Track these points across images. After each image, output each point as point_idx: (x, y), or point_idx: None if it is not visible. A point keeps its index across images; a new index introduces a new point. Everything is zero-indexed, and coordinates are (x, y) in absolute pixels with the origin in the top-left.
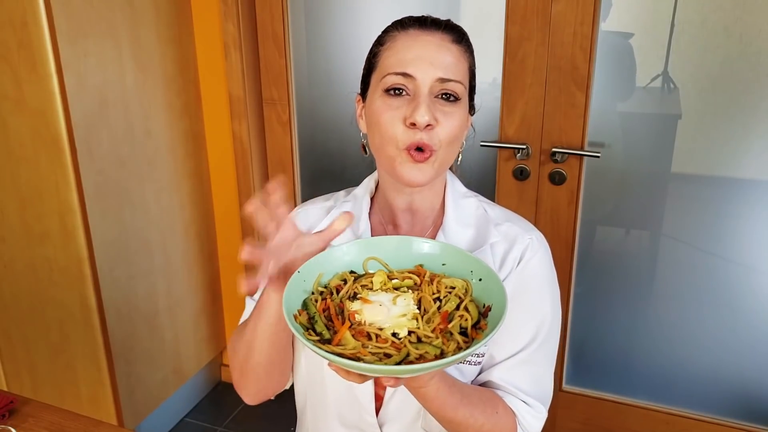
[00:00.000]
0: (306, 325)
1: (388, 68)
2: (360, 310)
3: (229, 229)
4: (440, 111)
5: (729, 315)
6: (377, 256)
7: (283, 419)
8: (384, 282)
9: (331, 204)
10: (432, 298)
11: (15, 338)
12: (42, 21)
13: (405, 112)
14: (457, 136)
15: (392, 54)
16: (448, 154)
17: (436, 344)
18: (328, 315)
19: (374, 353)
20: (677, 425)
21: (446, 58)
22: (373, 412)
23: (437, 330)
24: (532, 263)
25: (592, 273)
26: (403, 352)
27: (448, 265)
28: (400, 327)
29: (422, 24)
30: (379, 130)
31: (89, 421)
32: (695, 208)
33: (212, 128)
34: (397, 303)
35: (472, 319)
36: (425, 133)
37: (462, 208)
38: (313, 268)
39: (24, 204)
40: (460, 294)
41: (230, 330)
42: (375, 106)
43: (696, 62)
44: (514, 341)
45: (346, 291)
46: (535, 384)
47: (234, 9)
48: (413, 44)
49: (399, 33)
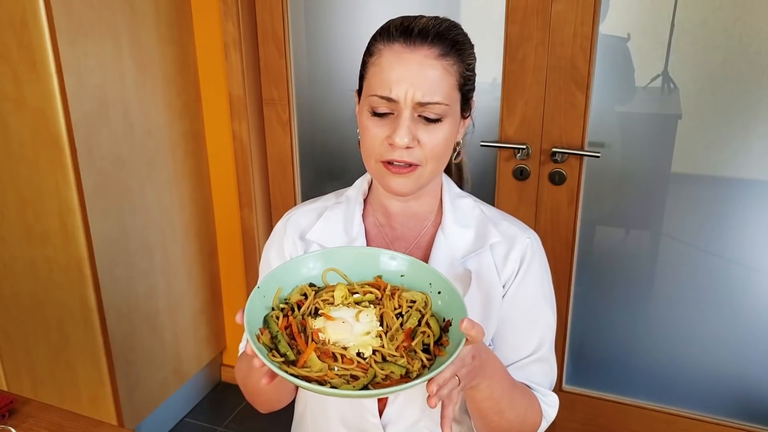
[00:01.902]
0: (269, 345)
1: (373, 88)
2: (323, 328)
3: (229, 229)
4: (422, 130)
5: (729, 315)
6: (336, 267)
7: (283, 419)
8: (345, 296)
9: (322, 206)
10: (394, 313)
11: (15, 338)
12: (42, 21)
13: (387, 131)
14: (441, 151)
15: (377, 72)
16: (436, 166)
17: (401, 363)
18: (290, 333)
19: (341, 375)
20: (677, 425)
21: (429, 77)
22: (376, 414)
23: (401, 348)
24: (534, 267)
25: (592, 273)
26: (369, 373)
27: (406, 277)
28: (365, 346)
29: (407, 37)
30: (364, 144)
31: (89, 421)
32: (695, 208)
33: (212, 128)
34: (360, 319)
35: (434, 335)
36: (405, 152)
37: (459, 208)
38: (272, 282)
39: (24, 204)
40: (420, 308)
41: (230, 330)
42: (362, 121)
43: (696, 62)
44: (526, 344)
45: (307, 307)
46: (547, 376)
47: (234, 9)
48: (395, 63)
49: (384, 48)
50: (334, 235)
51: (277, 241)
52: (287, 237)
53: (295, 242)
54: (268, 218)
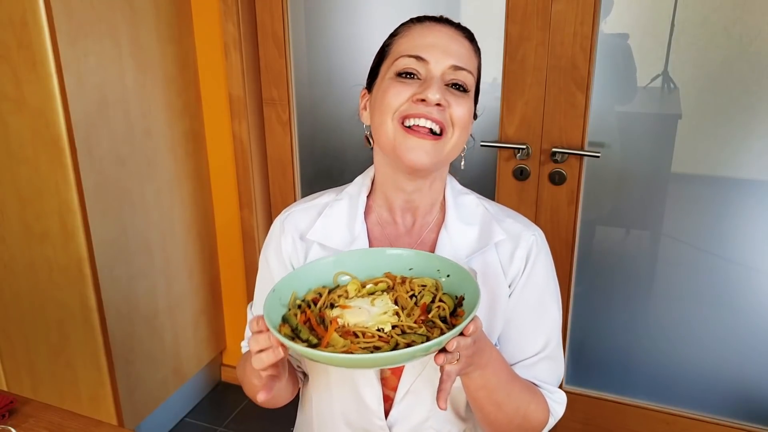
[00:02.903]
0: (290, 335)
1: (401, 52)
2: (341, 315)
3: (229, 229)
4: (451, 95)
5: (729, 315)
6: (345, 270)
7: (283, 419)
8: (358, 289)
9: (322, 203)
10: (407, 295)
11: (15, 338)
12: (42, 21)
13: (414, 90)
14: (466, 122)
15: (406, 41)
16: (459, 139)
17: (421, 332)
18: (309, 325)
19: (364, 348)
20: (677, 425)
21: (460, 48)
22: (382, 415)
23: (419, 321)
24: (539, 265)
25: (592, 273)
26: (392, 342)
27: (415, 269)
28: (384, 323)
29: (436, 19)
30: (382, 105)
31: (89, 421)
32: (695, 208)
33: (212, 128)
34: (376, 304)
35: (449, 308)
36: (436, 110)
37: (462, 205)
38: (287, 287)
39: (24, 204)
40: (432, 290)
41: (230, 330)
42: (383, 87)
43: (696, 62)
44: (533, 343)
45: (323, 302)
46: (554, 373)
47: (234, 9)
48: (428, 33)
49: (414, 24)
50: (335, 233)
51: (274, 240)
52: (285, 236)
53: (294, 242)
54: (268, 218)
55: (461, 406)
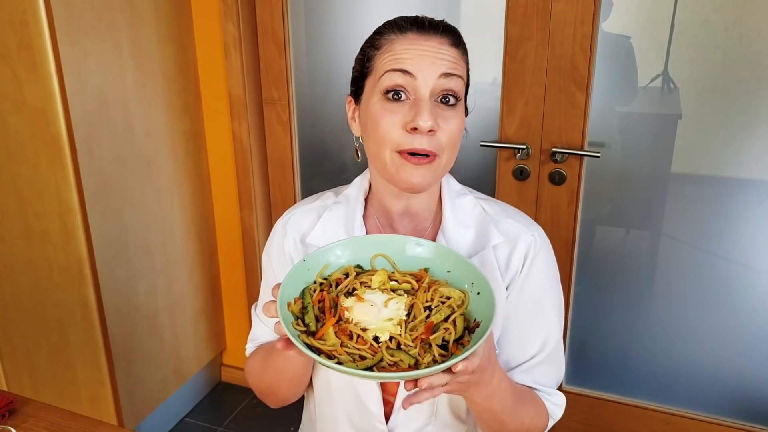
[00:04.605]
0: (297, 314)
1: (386, 67)
2: (351, 308)
3: (229, 229)
4: (441, 116)
5: (729, 315)
6: (386, 253)
7: (283, 419)
8: (383, 282)
9: (321, 205)
10: (423, 306)
11: (15, 338)
12: (42, 21)
13: (405, 117)
14: (456, 138)
15: (390, 56)
16: (450, 157)
17: (413, 353)
18: (321, 307)
19: (350, 353)
20: (677, 425)
21: (446, 56)
22: (382, 419)
23: (418, 339)
24: (537, 265)
25: (592, 273)
26: (377, 356)
27: (452, 273)
28: (383, 331)
29: (420, 27)
30: (376, 134)
31: (89, 421)
32: (695, 208)
33: (212, 128)
34: (389, 306)
35: (456, 333)
36: (426, 138)
37: (459, 207)
38: (319, 259)
39: (24, 204)
40: (453, 305)
41: (230, 330)
42: (373, 110)
43: (696, 62)
44: (532, 344)
45: (344, 286)
46: (553, 375)
47: (234, 9)
48: (412, 47)
49: (396, 38)
50: (334, 237)
51: (276, 243)
52: (288, 238)
53: (296, 244)
54: (268, 218)
55: (462, 410)
